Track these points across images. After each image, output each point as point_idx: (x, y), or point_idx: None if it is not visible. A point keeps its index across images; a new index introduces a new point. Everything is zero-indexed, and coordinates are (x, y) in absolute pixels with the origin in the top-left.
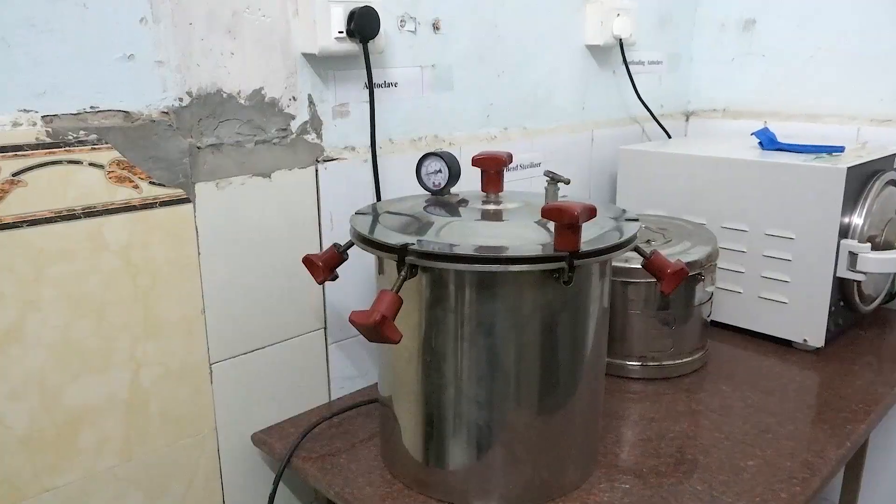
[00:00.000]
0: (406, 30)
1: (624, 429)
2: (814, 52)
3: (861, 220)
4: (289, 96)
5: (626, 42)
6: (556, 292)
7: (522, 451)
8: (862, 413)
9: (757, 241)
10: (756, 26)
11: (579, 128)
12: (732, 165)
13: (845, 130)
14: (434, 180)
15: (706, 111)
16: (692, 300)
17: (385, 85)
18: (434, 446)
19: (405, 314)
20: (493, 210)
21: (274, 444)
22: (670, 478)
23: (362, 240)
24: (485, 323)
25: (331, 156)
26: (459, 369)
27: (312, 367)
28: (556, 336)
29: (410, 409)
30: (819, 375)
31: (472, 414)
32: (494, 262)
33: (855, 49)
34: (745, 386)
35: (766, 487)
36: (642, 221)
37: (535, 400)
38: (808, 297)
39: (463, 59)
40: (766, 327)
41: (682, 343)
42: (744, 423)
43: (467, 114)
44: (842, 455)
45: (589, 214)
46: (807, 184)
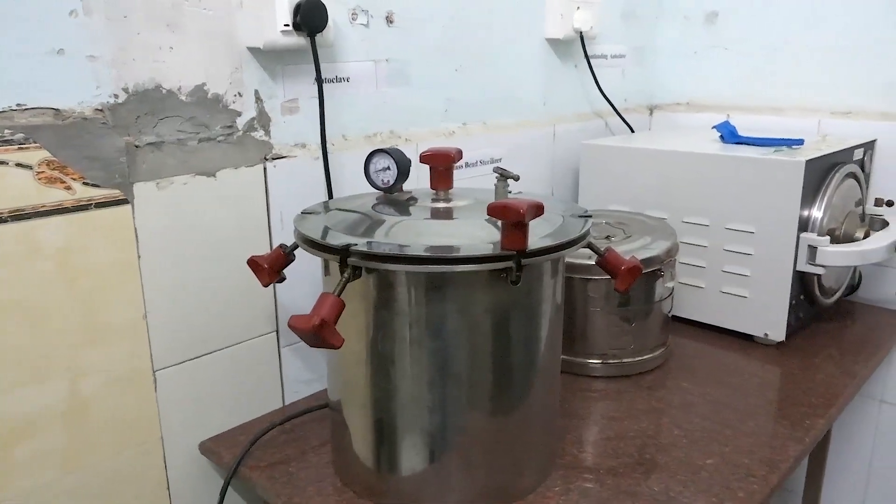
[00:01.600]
0: (358, 23)
1: (584, 428)
2: (776, 45)
3: (820, 213)
4: (234, 92)
5: (587, 35)
6: (506, 292)
7: (477, 455)
8: (822, 407)
9: (718, 235)
10: (719, 19)
11: (541, 123)
12: (693, 159)
13: (807, 123)
14: (383, 178)
15: (670, 105)
16: (652, 296)
17: (337, 80)
18: (385, 452)
19: (351, 317)
20: (442, 208)
21: (222, 452)
22: (628, 479)
23: (305, 241)
24: (433, 325)
25: (280, 153)
26: (408, 373)
27: (264, 372)
28: (508, 336)
29: (360, 415)
30: (781, 369)
31: (423, 418)
32: (439, 263)
33: (816, 42)
34: (706, 382)
35: (724, 486)
36: (604, 217)
37: (488, 402)
38: (768, 291)
39: (420, 52)
40: (727, 322)
41: (643, 340)
42: (704, 419)
43: (425, 109)
44: (801, 451)
45: (536, 212)
46: (766, 177)
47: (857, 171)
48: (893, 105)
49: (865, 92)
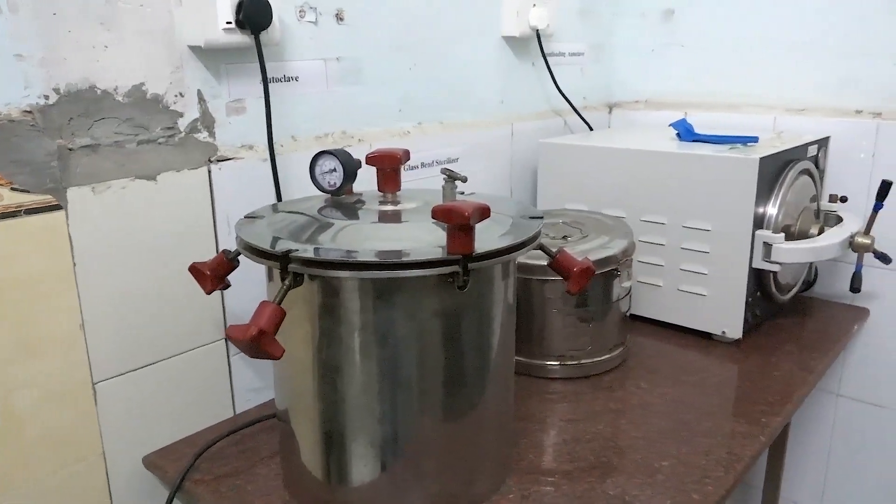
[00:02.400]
0: (306, 20)
1: (541, 432)
2: (731, 42)
3: (775, 209)
4: (175, 92)
5: (544, 33)
6: (455, 296)
7: (429, 463)
8: (778, 405)
9: (675, 233)
10: (675, 16)
11: (499, 121)
12: (649, 158)
13: (763, 120)
14: (329, 180)
15: (629, 102)
16: (610, 296)
17: (285, 79)
18: (335, 463)
19: (295, 324)
20: (390, 211)
21: (167, 466)
22: (583, 483)
23: (245, 246)
24: (380, 332)
25: (226, 155)
26: (356, 381)
27: (213, 381)
28: (459, 341)
29: (308, 425)
30: (738, 367)
31: (372, 427)
32: (383, 269)
33: (771, 39)
34: (664, 381)
35: (679, 489)
36: (561, 217)
37: (439, 409)
38: (725, 288)
39: (372, 51)
40: (686, 320)
41: (601, 340)
42: (661, 420)
43: (378, 108)
44: (757, 449)
45: (482, 214)
46: (721, 175)
47: (812, 168)
48: (847, 101)
49: (819, 88)
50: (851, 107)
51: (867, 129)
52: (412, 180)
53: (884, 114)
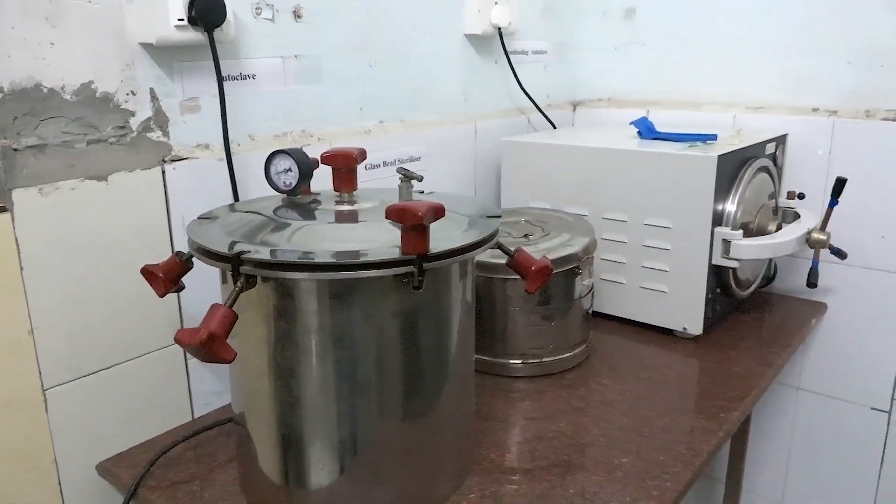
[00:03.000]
0: (263, 18)
1: (502, 431)
2: (692, 41)
3: (734, 206)
4: (126, 90)
5: (506, 31)
6: (411, 297)
7: (388, 464)
8: (737, 399)
9: (637, 231)
10: (637, 14)
11: (462, 120)
12: (610, 155)
13: (723, 118)
14: (284, 180)
15: (592, 100)
16: (572, 294)
17: (242, 77)
18: (293, 467)
19: (250, 327)
20: (346, 211)
21: (122, 473)
22: (544, 481)
23: (196, 248)
24: (336, 333)
25: (180, 155)
26: (312, 384)
27: (170, 385)
28: (416, 342)
29: (265, 429)
30: (699, 363)
31: (330, 430)
32: (337, 270)
33: (731, 38)
34: (626, 378)
35: (638, 485)
36: (523, 215)
37: (397, 410)
38: (685, 285)
39: (331, 48)
40: (647, 317)
41: (563, 338)
42: (622, 417)
43: (339, 107)
44: (715, 445)
45: (436, 214)
46: (680, 172)
47: (770, 165)
48: (804, 99)
49: (778, 87)
50: (808, 105)
51: (824, 126)
52: (374, 179)
53: (839, 112)
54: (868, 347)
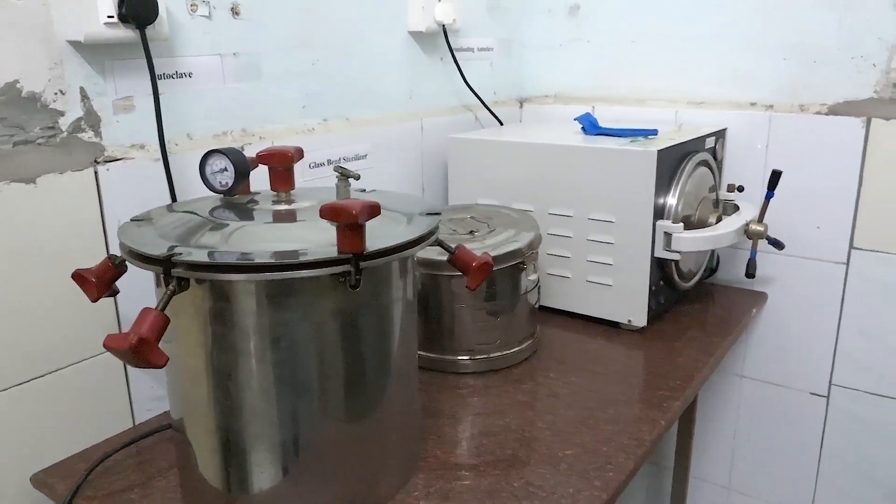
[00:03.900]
0: (199, 15)
1: (449, 427)
2: (634, 38)
3: (675, 200)
4: (54, 90)
5: (450, 28)
6: (349, 296)
7: (331, 465)
8: (679, 389)
9: (581, 225)
10: (580, 12)
11: (408, 117)
12: (554, 151)
13: (665, 113)
14: (220, 180)
15: (539, 97)
16: (518, 289)
17: (177, 75)
18: (234, 472)
19: (185, 330)
20: (284, 210)
21: (57, 484)
22: (489, 476)
23: (127, 251)
24: (274, 335)
25: (114, 155)
26: (251, 387)
27: (109, 391)
28: (356, 341)
29: (204, 434)
30: (644, 354)
31: (271, 433)
32: (271, 270)
33: (672, 34)
34: (572, 371)
35: (582, 476)
36: (469, 212)
37: (339, 411)
38: (629, 278)
39: (272, 46)
40: (593, 310)
41: (510, 333)
42: (567, 410)
43: (280, 105)
44: (657, 434)
45: (371, 212)
46: (622, 167)
47: (710, 159)
48: (742, 94)
49: (717, 82)
50: (746, 100)
51: (761, 120)
52: (318, 178)
53: (776, 106)
54: (806, 335)
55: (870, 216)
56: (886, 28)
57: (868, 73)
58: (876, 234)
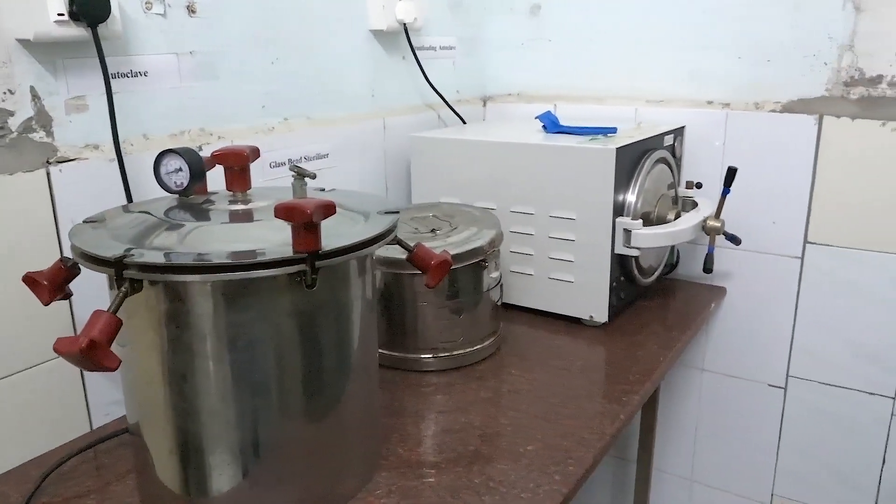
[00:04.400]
0: (154, 13)
1: (412, 426)
2: (595, 37)
3: (634, 197)
4: (3, 89)
5: (411, 27)
6: (306, 296)
7: (291, 466)
8: (639, 383)
9: (543, 223)
10: (542, 11)
11: (370, 116)
12: (516, 150)
13: (625, 111)
14: (175, 180)
15: (502, 95)
16: (480, 287)
17: (132, 74)
18: (193, 475)
19: (140, 332)
20: (241, 210)
21: (10, 492)
22: (450, 473)
23: (78, 253)
24: (230, 336)
25: (67, 156)
26: (208, 389)
27: (65, 396)
28: (315, 341)
29: (161, 438)
30: (605, 349)
31: (229, 435)
32: (225, 270)
33: (632, 33)
34: (535, 367)
35: (542, 471)
36: (431, 210)
37: (298, 411)
38: (590, 274)
39: (229, 44)
40: (556, 307)
41: (473, 330)
42: (529, 405)
43: (239, 104)
44: (617, 428)
45: (326, 211)
46: (582, 165)
47: (668, 157)
48: (699, 92)
49: (676, 80)
50: (704, 98)
51: (718, 118)
52: (278, 178)
53: (732, 104)
54: (764, 328)
55: (823, 211)
56: (837, 28)
57: (820, 71)
58: (829, 228)
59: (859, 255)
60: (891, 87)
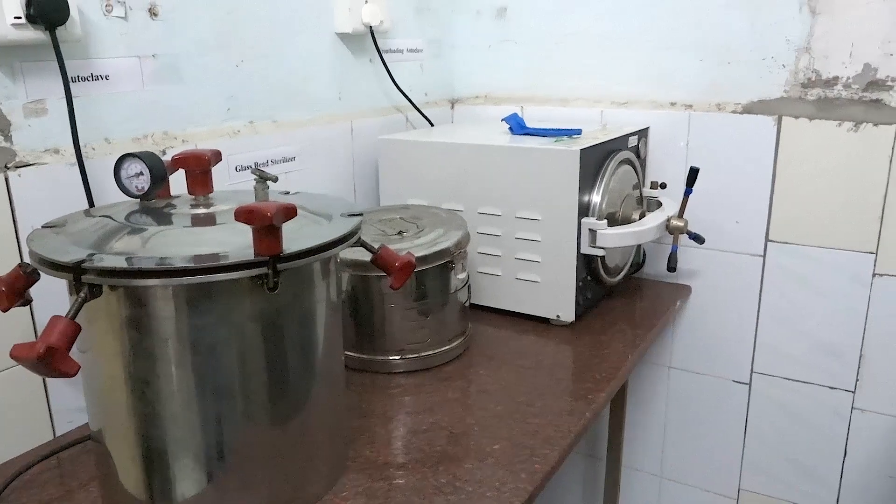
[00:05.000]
0: (114, 16)
1: (380, 427)
2: (561, 39)
3: (599, 197)
4: None
5: (378, 30)
6: (268, 299)
7: (257, 469)
8: (604, 381)
9: (510, 224)
10: (508, 14)
11: (337, 119)
12: (482, 151)
13: (591, 113)
14: (136, 184)
15: (470, 98)
16: (447, 288)
17: (92, 78)
18: (157, 481)
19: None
20: (203, 214)
21: None
22: (417, 473)
23: (37, 259)
24: (192, 340)
25: (26, 160)
26: (171, 394)
27: (27, 403)
28: (279, 344)
29: (124, 444)
30: (573, 349)
31: (193, 440)
32: (186, 274)
33: (597, 36)
34: (502, 367)
35: (508, 469)
36: (398, 213)
37: (263, 414)
38: (557, 274)
39: (193, 47)
40: (523, 307)
41: (441, 332)
42: (497, 405)
43: (204, 107)
44: (583, 425)
45: (286, 214)
46: (547, 167)
47: (633, 157)
48: (663, 94)
49: (640, 82)
50: (667, 99)
51: (681, 119)
52: (244, 181)
53: (694, 105)
54: (728, 325)
55: (783, 210)
56: (794, 30)
57: (778, 73)
58: (789, 227)
59: (819, 253)
60: (846, 89)
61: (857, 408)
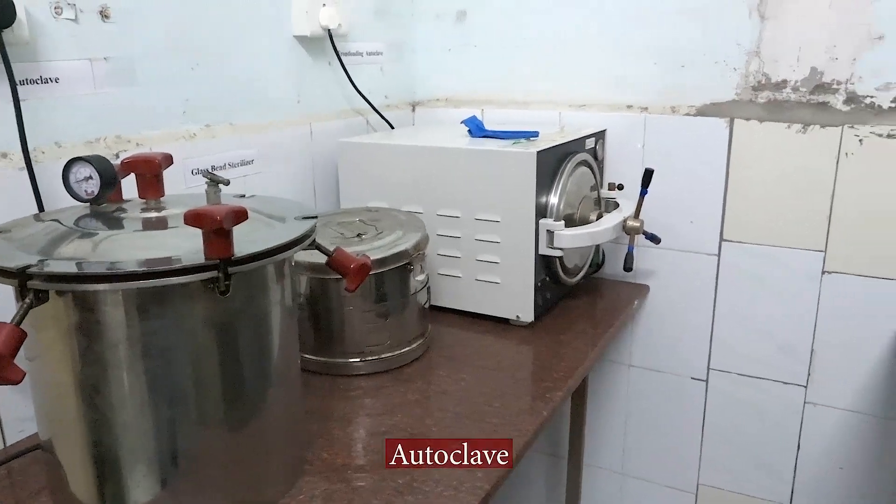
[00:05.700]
0: (64, 18)
1: (338, 430)
2: (520, 42)
3: (556, 199)
4: None
5: (336, 33)
6: (220, 303)
7: (211, 475)
8: (562, 380)
9: (469, 226)
10: (468, 17)
11: (296, 122)
12: (441, 154)
13: (550, 116)
14: (85, 188)
15: (430, 101)
16: (406, 290)
17: (42, 80)
18: (109, 490)
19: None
20: (154, 218)
21: None
22: (375, 475)
23: None
24: (142, 345)
25: None
26: (121, 400)
27: None
28: (232, 348)
29: (74, 453)
30: (532, 348)
31: (146, 446)
32: (134, 279)
33: (555, 39)
34: (462, 368)
35: (465, 469)
36: (358, 215)
37: (217, 419)
38: (516, 275)
39: (146, 50)
40: (484, 308)
41: (401, 333)
42: (456, 406)
43: (158, 110)
44: (539, 424)
45: (237, 217)
46: (504, 168)
47: (590, 159)
48: (620, 97)
49: (598, 85)
50: (624, 102)
51: (637, 122)
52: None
53: (650, 108)
54: (685, 323)
55: (736, 210)
56: (744, 35)
57: (730, 76)
58: (742, 226)
59: (771, 252)
60: (794, 92)
61: (809, 402)
